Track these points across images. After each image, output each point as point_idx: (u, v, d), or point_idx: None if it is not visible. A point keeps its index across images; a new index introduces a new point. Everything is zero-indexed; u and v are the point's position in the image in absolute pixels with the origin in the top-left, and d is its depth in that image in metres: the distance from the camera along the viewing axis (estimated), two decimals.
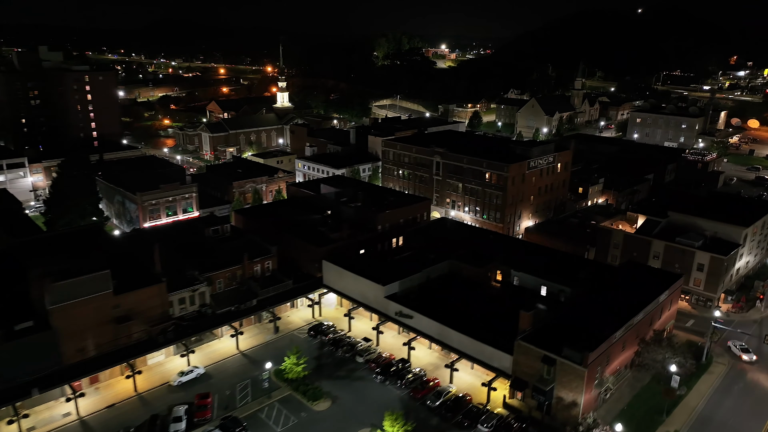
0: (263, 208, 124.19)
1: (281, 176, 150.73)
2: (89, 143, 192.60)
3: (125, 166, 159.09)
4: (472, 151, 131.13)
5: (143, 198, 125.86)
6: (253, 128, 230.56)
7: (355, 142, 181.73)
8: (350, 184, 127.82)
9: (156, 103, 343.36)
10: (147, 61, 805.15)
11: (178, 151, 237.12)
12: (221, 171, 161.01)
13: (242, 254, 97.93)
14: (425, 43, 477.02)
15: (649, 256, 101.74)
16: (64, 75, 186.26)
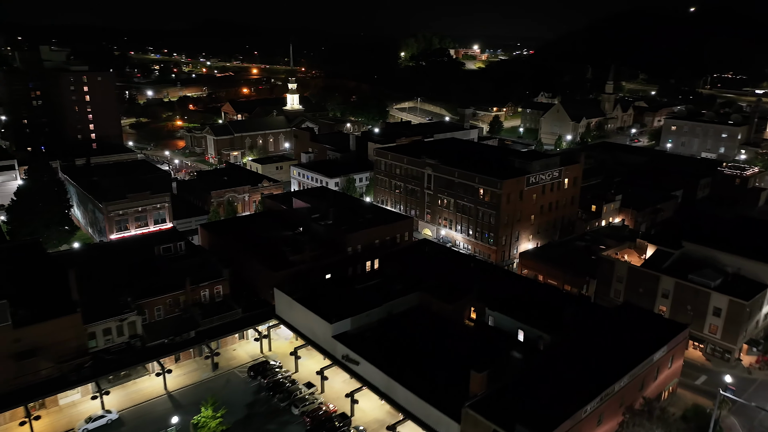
0: (234, 222, 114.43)
1: (267, 185, 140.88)
2: (87, 145, 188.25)
3: (113, 170, 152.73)
4: (466, 164, 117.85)
5: (109, 208, 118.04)
6: (259, 131, 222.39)
7: (355, 148, 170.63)
8: (328, 197, 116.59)
9: (175, 103, 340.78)
10: (186, 60, 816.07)
11: (186, 153, 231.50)
12: (208, 178, 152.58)
13: (190, 277, 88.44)
14: (455, 43, 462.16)
15: (657, 295, 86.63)
16: (61, 75, 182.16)
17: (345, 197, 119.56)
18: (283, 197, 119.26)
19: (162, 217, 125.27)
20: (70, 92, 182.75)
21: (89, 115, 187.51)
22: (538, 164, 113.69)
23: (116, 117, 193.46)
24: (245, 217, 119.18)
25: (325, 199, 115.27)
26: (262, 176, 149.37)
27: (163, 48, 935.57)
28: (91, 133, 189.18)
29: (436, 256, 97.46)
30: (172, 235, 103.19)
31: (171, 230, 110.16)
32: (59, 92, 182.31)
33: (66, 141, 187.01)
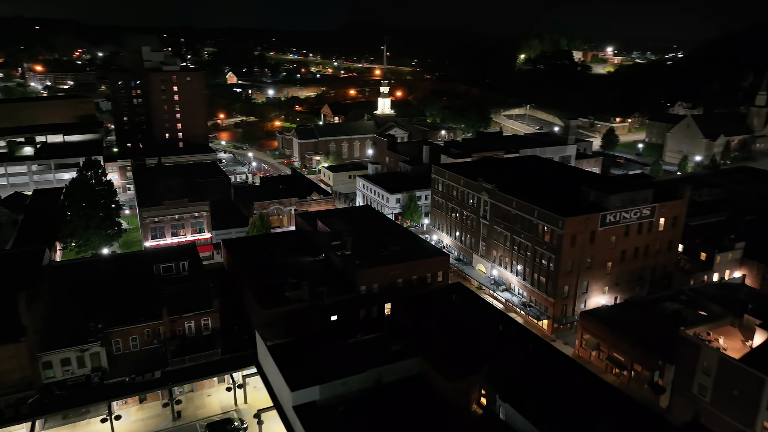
0: (258, 240, 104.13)
1: (317, 198, 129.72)
2: (174, 144, 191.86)
3: (178, 172, 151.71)
4: (528, 191, 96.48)
5: (143, 214, 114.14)
6: (345, 136, 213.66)
7: (428, 161, 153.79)
8: (354, 220, 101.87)
9: (284, 103, 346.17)
10: (318, 61, 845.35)
11: (275, 155, 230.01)
12: (266, 185, 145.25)
13: (177, 304, 79.32)
14: (585, 45, 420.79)
15: (761, 406, 60.64)
16: (151, 74, 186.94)
17: (383, 222, 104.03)
18: (313, 217, 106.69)
19: (200, 227, 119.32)
20: (160, 91, 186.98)
21: (177, 115, 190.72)
22: (619, 199, 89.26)
23: (203, 117, 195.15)
24: (273, 235, 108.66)
25: (358, 222, 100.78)
26: (317, 187, 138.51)
27: (303, 49, 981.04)
28: (178, 132, 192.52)
29: (463, 307, 78.67)
30: (183, 251, 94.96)
31: (184, 245, 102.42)
32: (151, 91, 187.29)
33: (155, 140, 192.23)
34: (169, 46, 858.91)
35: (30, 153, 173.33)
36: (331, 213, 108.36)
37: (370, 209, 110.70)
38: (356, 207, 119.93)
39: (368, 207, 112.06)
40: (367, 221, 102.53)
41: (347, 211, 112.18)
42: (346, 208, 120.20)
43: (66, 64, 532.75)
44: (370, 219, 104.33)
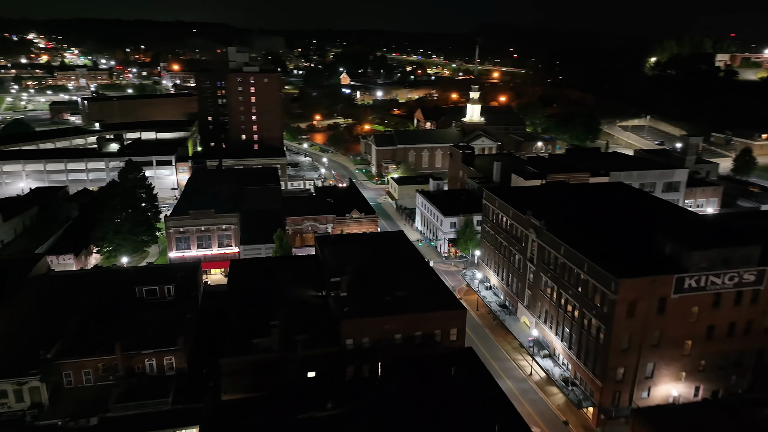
0: (270, 263, 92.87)
1: (357, 217, 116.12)
2: (249, 146, 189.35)
3: (234, 176, 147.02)
4: (585, 235, 74.82)
5: (168, 223, 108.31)
6: (426, 144, 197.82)
7: (499, 179, 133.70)
8: (384, 249, 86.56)
9: (379, 106, 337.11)
10: (439, 62, 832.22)
11: (357, 161, 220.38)
12: (316, 198, 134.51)
13: (138, 336, 70.47)
14: (735, 46, 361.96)
15: None
16: (229, 75, 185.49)
17: (407, 255, 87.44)
18: (339, 241, 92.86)
19: (227, 241, 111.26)
20: (237, 92, 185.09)
21: (253, 116, 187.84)
22: (705, 256, 64.98)
23: (279, 119, 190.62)
24: (287, 259, 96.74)
25: (377, 253, 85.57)
26: (364, 203, 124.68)
27: (430, 50, 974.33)
28: (253, 134, 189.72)
29: (461, 385, 60.62)
30: (172, 271, 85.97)
31: (176, 265, 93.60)
32: (228, 92, 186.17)
33: (231, 141, 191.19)
34: (299, 47, 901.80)
35: (115, 149, 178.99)
36: (351, 239, 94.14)
37: (400, 237, 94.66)
38: (386, 233, 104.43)
39: (399, 234, 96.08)
40: (387, 253, 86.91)
41: (373, 237, 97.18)
42: (373, 233, 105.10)
43: (199, 63, 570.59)
44: (393, 250, 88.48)
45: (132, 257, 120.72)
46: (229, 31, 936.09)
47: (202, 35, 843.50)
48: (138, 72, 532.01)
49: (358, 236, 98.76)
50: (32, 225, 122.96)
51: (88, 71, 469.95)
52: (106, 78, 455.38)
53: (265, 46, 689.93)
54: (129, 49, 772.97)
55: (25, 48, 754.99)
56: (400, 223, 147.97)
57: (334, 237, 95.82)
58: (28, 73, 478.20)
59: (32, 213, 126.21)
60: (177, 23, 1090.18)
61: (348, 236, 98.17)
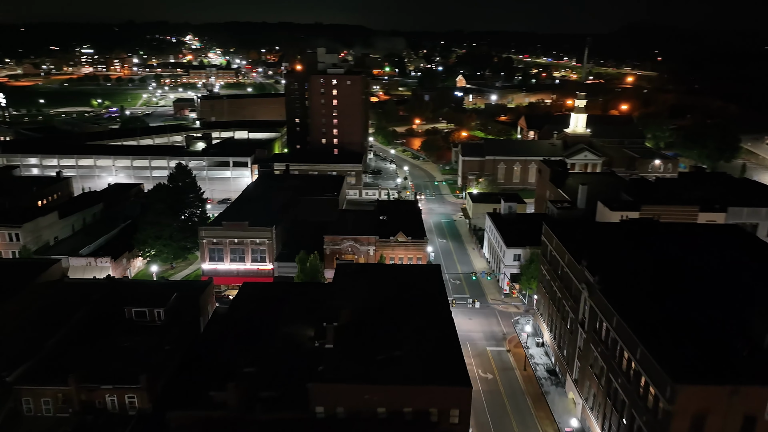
0: (281, 290, 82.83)
1: (403, 240, 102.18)
2: (329, 150, 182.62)
3: (299, 183, 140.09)
4: (654, 304, 54.92)
5: (202, 233, 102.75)
6: (518, 157, 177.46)
7: (584, 206, 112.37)
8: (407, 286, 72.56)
9: (485, 111, 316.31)
10: (568, 65, 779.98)
11: (445, 170, 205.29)
12: (370, 213, 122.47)
13: (102, 368, 63.75)
14: None
15: None
16: (312, 77, 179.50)
17: (432, 297, 72.26)
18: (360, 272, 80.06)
19: (262, 256, 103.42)
20: (319, 94, 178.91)
21: (334, 120, 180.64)
22: None
23: (360, 123, 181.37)
24: (302, 286, 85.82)
25: (398, 290, 71.78)
26: (418, 225, 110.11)
27: (560, 52, 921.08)
28: (333, 138, 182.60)
29: None
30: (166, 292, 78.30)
31: (190, 284, 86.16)
32: (310, 94, 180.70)
33: (311, 144, 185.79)
34: (424, 49, 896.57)
35: (200, 148, 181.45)
36: (374, 269, 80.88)
37: (433, 272, 79.24)
38: (418, 266, 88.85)
39: (434, 269, 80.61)
40: (406, 292, 72.74)
41: (401, 270, 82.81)
42: (403, 266, 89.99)
43: None
44: (415, 289, 73.97)
45: (177, 263, 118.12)
46: (363, 33, 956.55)
47: (334, 36, 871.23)
48: (264, 71, 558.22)
49: (384, 267, 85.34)
50: (94, 222, 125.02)
51: (217, 70, 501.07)
52: (232, 77, 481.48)
53: (387, 47, 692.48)
54: (264, 49, 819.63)
55: (177, 48, 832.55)
56: (469, 246, 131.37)
57: (355, 266, 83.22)
58: (168, 72, 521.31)
59: (96, 210, 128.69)
60: (315, 25, 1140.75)
61: (371, 266, 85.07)
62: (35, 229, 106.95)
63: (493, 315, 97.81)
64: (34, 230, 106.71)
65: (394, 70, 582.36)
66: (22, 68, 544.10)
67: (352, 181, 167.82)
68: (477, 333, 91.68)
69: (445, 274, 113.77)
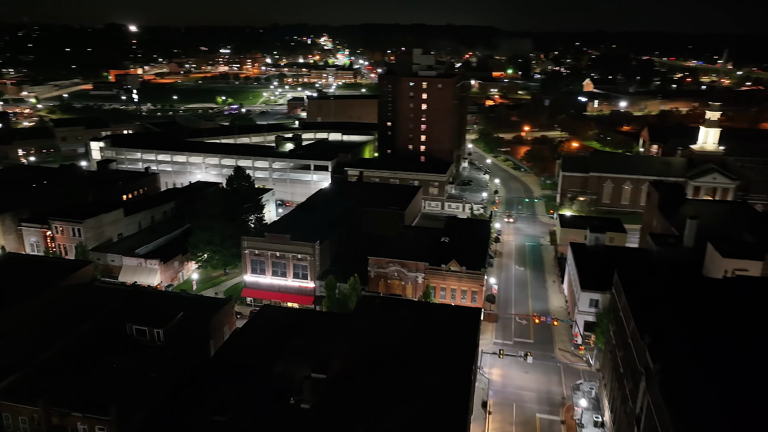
0: (304, 319, 73.87)
1: (456, 270, 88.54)
2: (415, 157, 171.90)
3: (366, 193, 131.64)
4: (718, 410, 37.65)
5: (245, 243, 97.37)
6: (629, 175, 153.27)
7: (692, 245, 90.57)
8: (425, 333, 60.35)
9: (607, 119, 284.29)
10: (713, 68, 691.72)
11: (546, 184, 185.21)
12: (433, 233, 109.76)
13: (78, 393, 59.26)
14: None
15: None
16: (401, 79, 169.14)
17: (453, 350, 59.00)
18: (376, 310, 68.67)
19: (304, 272, 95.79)
20: (408, 98, 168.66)
21: (422, 125, 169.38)
22: None
23: (450, 130, 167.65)
24: (324, 317, 75.94)
25: (418, 337, 59.84)
26: (481, 252, 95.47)
27: (713, 55, 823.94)
28: (420, 144, 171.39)
29: None
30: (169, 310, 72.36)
31: (209, 300, 79.22)
32: (400, 97, 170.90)
33: (398, 150, 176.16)
34: (555, 50, 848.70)
35: (287, 149, 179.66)
36: (400, 306, 69.12)
37: (470, 316, 65.52)
38: (450, 308, 73.85)
39: (473, 312, 66.36)
40: (431, 338, 60.43)
41: (430, 310, 69.81)
42: (437, 306, 75.88)
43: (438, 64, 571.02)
44: (443, 335, 61.27)
45: (231, 270, 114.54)
46: (495, 34, 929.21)
47: (464, 37, 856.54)
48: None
49: (412, 305, 72.92)
50: (164, 221, 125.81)
51: (336, 70, 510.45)
52: (350, 77, 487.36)
53: (511, 48, 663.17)
54: (390, 50, 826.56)
55: (309, 49, 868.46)
56: (550, 279, 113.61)
57: (380, 301, 71.97)
58: (293, 71, 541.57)
59: (167, 208, 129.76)
60: (447, 27, 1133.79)
61: (399, 302, 73.17)
62: (97, 226, 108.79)
63: (556, 371, 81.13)
64: (96, 226, 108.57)
65: (516, 73, 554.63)
66: (168, 67, 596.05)
67: (434, 192, 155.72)
68: (530, 392, 76.04)
69: (510, 310, 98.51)
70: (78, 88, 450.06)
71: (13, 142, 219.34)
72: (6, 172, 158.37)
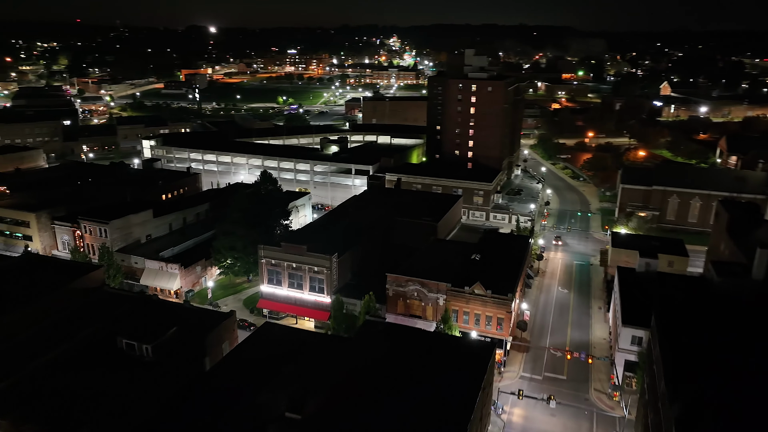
0: (303, 340, 68.36)
1: (481, 294, 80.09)
2: (462, 163, 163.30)
3: (406, 200, 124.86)
4: None
5: (262, 252, 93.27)
6: (698, 190, 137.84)
7: (762, 277, 77.74)
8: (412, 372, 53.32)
9: (679, 126, 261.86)
10: None
11: (605, 195, 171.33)
12: (464, 249, 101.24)
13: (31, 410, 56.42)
14: None
15: None
16: (449, 81, 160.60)
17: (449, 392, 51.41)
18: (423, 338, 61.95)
19: (320, 286, 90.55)
20: (455, 101, 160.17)
21: (470, 130, 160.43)
22: None
23: (499, 135, 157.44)
24: (319, 337, 69.79)
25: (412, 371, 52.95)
26: (510, 271, 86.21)
27: None
28: (468, 150, 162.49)
29: None
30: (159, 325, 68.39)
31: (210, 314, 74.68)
32: (447, 100, 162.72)
33: (444, 155, 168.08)
34: (633, 51, 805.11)
35: (331, 152, 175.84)
36: (404, 334, 62.16)
37: (483, 352, 57.47)
38: (467, 341, 65.52)
39: (487, 347, 58.00)
40: (430, 376, 53.19)
41: (442, 342, 62.14)
42: (447, 337, 67.31)
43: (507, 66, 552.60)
44: (444, 373, 53.83)
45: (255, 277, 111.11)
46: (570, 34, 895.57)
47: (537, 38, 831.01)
48: None
49: (418, 335, 65.31)
50: (197, 222, 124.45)
51: (398, 71, 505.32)
52: (412, 78, 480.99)
53: (582, 49, 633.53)
54: (457, 51, 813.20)
55: (375, 50, 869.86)
56: (596, 305, 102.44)
57: (383, 327, 65.18)
58: (357, 72, 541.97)
59: (201, 209, 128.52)
60: (520, 27, 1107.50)
61: (404, 330, 65.96)
62: (125, 226, 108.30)
63: (588, 417, 71.19)
64: (124, 227, 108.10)
65: (588, 75, 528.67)
66: (237, 66, 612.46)
67: (478, 202, 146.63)
68: None
69: (545, 339, 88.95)
70: (151, 87, 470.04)
71: (79, 139, 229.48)
72: (58, 169, 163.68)
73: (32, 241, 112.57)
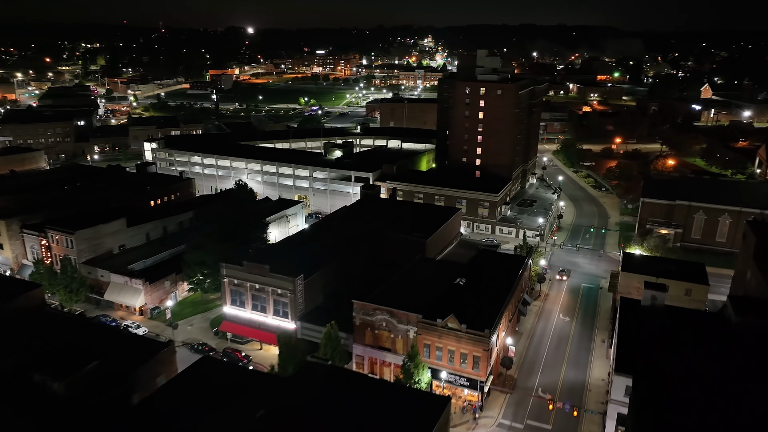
0: (238, 377, 59.99)
1: (455, 328, 70.16)
2: (469, 171, 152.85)
3: (399, 212, 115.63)
4: None
5: (224, 270, 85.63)
6: (726, 206, 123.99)
7: None
8: None
9: (717, 132, 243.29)
10: None
11: (628, 209, 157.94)
12: (453, 268, 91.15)
13: None
14: None
15: None
16: (457, 83, 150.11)
17: None
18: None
19: (284, 310, 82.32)
20: (463, 105, 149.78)
21: (478, 136, 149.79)
22: None
23: (510, 142, 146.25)
24: (258, 376, 61.11)
25: None
26: (494, 302, 75.81)
27: None
28: (476, 158, 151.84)
29: None
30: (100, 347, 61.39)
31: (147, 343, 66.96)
32: (455, 104, 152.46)
33: (451, 162, 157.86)
34: (675, 51, 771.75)
35: (334, 158, 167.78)
36: (352, 381, 53.18)
37: (433, 408, 48.05)
38: (420, 393, 55.64)
39: (440, 402, 48.44)
40: None
41: (388, 392, 52.82)
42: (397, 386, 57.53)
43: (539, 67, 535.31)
44: None
45: None
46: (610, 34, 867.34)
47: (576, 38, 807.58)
48: None
49: (365, 382, 56.03)
50: (179, 232, 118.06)
51: (425, 72, 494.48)
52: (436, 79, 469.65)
53: (620, 49, 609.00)
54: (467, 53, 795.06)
55: (407, 50, 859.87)
56: (599, 337, 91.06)
57: (326, 370, 56.16)
58: (384, 73, 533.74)
59: (185, 218, 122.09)
60: (558, 27, 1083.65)
61: (350, 375, 56.93)
62: (94, 236, 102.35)
63: None
64: (92, 237, 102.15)
65: (624, 76, 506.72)
66: (264, 67, 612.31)
67: (484, 214, 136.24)
68: None
69: (534, 377, 78.51)
70: (177, 87, 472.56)
71: (91, 140, 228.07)
72: (55, 171, 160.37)
73: (3, 250, 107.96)
